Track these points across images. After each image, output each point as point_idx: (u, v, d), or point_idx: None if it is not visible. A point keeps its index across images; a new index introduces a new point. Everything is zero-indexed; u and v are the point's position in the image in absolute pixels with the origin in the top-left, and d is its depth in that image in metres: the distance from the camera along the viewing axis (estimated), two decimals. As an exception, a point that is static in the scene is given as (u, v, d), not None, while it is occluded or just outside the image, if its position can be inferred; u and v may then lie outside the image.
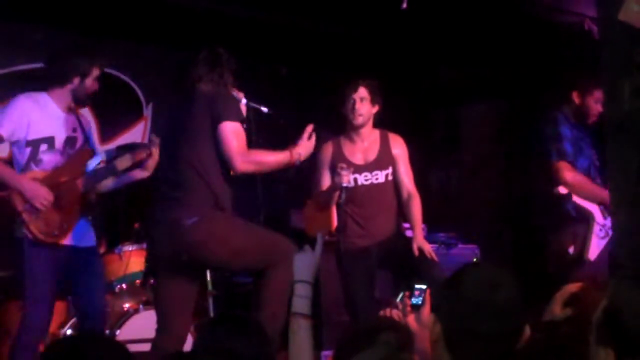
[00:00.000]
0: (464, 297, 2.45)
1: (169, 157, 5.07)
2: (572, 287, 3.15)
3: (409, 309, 3.56)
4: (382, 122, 6.14)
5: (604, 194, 5.93)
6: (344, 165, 5.82)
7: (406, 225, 6.17)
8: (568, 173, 6.01)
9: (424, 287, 3.67)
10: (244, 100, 5.15)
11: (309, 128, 5.09)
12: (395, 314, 3.72)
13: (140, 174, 5.73)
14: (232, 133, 4.79)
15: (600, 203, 5.96)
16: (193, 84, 5.00)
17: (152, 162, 5.61)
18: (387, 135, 6.10)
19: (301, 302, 3.45)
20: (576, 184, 6.00)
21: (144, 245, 5.98)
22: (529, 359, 2.61)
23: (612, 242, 4.97)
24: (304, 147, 5.06)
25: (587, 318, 2.63)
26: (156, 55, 8.09)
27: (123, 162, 5.59)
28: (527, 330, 2.52)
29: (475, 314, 2.42)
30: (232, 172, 4.88)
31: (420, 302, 3.61)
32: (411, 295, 3.66)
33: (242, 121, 4.89)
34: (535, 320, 2.89)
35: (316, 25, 8.10)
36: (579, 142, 6.13)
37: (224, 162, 4.83)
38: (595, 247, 5.96)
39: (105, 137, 8.11)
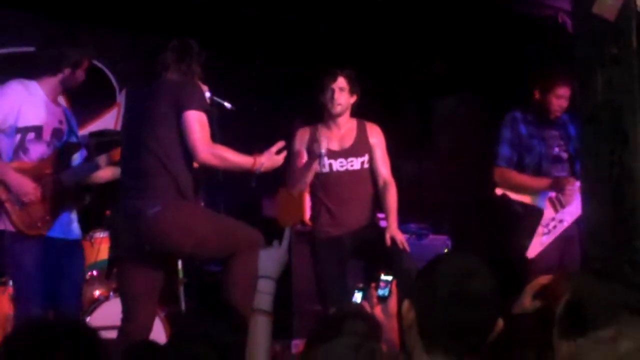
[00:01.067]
0: (438, 286, 2.46)
1: (131, 145, 5.01)
2: (543, 279, 3.17)
3: (375, 300, 3.57)
4: (355, 113, 6.14)
5: (541, 183, 6.04)
6: (324, 137, 5.85)
7: (380, 215, 6.18)
8: (497, 176, 6.27)
9: (389, 278, 3.68)
10: (208, 94, 5.12)
11: (280, 144, 5.03)
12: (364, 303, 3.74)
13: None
14: (196, 122, 4.75)
15: (551, 190, 6.06)
16: (160, 72, 4.98)
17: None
18: (364, 124, 6.11)
19: (263, 298, 3.42)
20: (506, 185, 6.22)
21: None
22: (497, 351, 2.62)
23: (584, 234, 4.99)
24: (270, 159, 4.98)
25: (554, 310, 2.65)
26: (130, 41, 8.06)
27: (102, 161, 5.51)
28: (500, 323, 2.53)
29: (448, 302, 2.43)
30: (194, 163, 4.84)
31: (386, 294, 3.62)
32: (377, 287, 3.67)
33: (206, 111, 4.86)
34: (505, 312, 2.90)
35: (290, 17, 8.08)
36: (529, 139, 6.21)
37: (187, 151, 4.78)
38: (537, 245, 6.05)
39: (78, 123, 8.04)
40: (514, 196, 6.14)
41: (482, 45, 8.45)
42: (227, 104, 5.33)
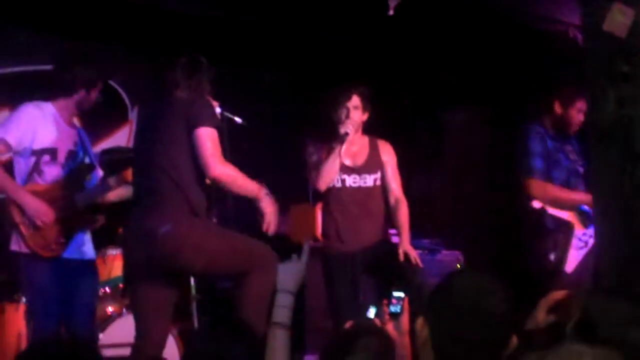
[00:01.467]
0: (453, 303, 2.47)
1: (142, 163, 5.02)
2: (557, 295, 3.17)
3: (387, 317, 3.58)
4: (365, 129, 6.15)
5: (581, 197, 5.99)
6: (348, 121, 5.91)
7: (392, 231, 6.18)
8: (536, 190, 6.09)
9: (402, 295, 3.68)
10: (218, 110, 5.15)
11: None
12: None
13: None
14: (208, 139, 4.75)
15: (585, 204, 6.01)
16: (170, 90, 4.98)
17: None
18: (376, 141, 6.14)
19: (282, 312, 3.46)
20: (546, 199, 6.06)
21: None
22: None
23: (595, 250, 4.99)
24: (272, 201, 4.96)
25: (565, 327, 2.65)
26: (142, 59, 8.07)
27: (113, 181, 5.52)
28: (514, 340, 2.53)
29: (462, 321, 2.43)
30: (206, 179, 4.83)
31: (398, 310, 3.62)
32: (389, 304, 3.68)
33: (217, 127, 4.87)
34: (518, 327, 2.90)
35: (298, 32, 8.10)
36: (555, 154, 6.16)
37: (198, 168, 4.78)
38: (573, 259, 5.99)
39: (90, 140, 8.07)
40: (551, 210, 6.07)
41: (493, 60, 8.44)
42: (237, 119, 5.35)
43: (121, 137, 8.28)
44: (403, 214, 5.98)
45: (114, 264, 6.50)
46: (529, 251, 6.21)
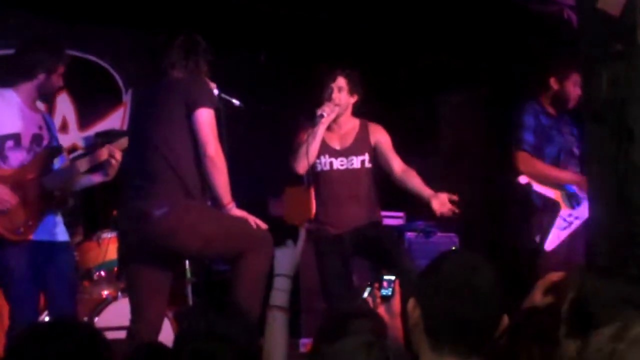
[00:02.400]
0: (443, 282, 2.47)
1: (137, 145, 5.01)
2: (554, 276, 3.17)
3: (378, 300, 3.59)
4: (359, 110, 6.14)
5: (567, 176, 5.99)
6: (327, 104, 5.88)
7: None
8: (522, 163, 6.07)
9: (392, 278, 3.69)
10: (215, 91, 5.12)
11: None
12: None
13: (99, 178, 5.58)
14: (207, 118, 4.76)
15: (574, 184, 6.01)
16: (166, 70, 4.95)
17: (112, 169, 5.45)
18: (366, 123, 6.12)
19: (279, 295, 3.50)
20: (531, 173, 6.05)
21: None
22: (503, 348, 2.62)
23: (588, 230, 4.99)
24: (242, 212, 4.92)
25: (561, 308, 2.65)
26: (135, 40, 8.04)
27: (82, 164, 5.45)
28: (505, 320, 2.53)
29: (453, 299, 2.43)
30: (205, 158, 4.78)
31: (389, 293, 3.63)
32: (380, 287, 3.69)
33: (215, 108, 4.86)
34: (514, 307, 2.90)
35: (295, 12, 8.09)
36: (549, 130, 6.15)
37: (195, 149, 4.78)
38: (555, 238, 6.00)
39: (84, 123, 8.09)
40: (538, 188, 6.05)
41: (487, 40, 8.43)
42: (235, 101, 5.32)
43: (115, 120, 8.28)
44: (416, 177, 5.94)
45: (108, 247, 6.47)
46: (518, 230, 6.23)
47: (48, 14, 7.52)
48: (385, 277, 3.72)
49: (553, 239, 5.98)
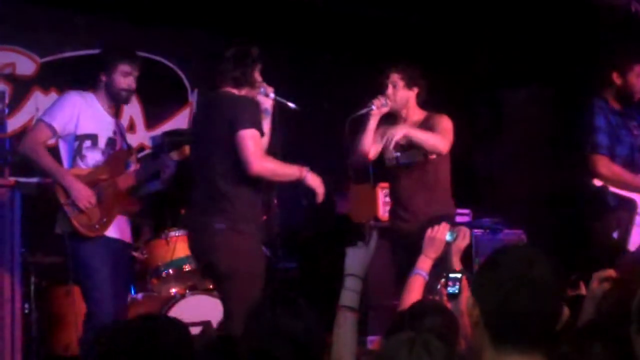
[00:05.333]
0: (500, 278, 2.43)
1: (198, 163, 5.17)
2: (609, 270, 3.19)
3: (445, 298, 3.58)
4: (423, 106, 6.11)
5: None
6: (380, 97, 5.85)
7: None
8: (602, 167, 5.95)
9: (459, 275, 3.68)
10: (272, 95, 5.24)
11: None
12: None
13: (156, 186, 5.82)
14: (248, 139, 4.86)
15: None
16: (216, 83, 5.11)
17: (166, 176, 5.68)
18: (432, 115, 6.01)
19: (350, 295, 3.48)
20: (610, 177, 5.94)
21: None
22: (571, 340, 2.60)
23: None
24: (315, 176, 5.13)
25: (627, 302, 2.62)
26: (201, 40, 8.10)
27: (175, 155, 5.69)
28: (566, 311, 2.49)
29: (511, 294, 2.40)
30: (249, 174, 4.91)
31: (456, 291, 3.62)
32: (446, 285, 3.68)
33: (258, 127, 4.94)
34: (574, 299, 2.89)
35: (355, 10, 8.10)
36: (618, 130, 6.04)
37: (244, 173, 4.91)
38: (637, 237, 5.89)
39: (150, 123, 8.18)
40: (613, 189, 5.95)
41: (554, 36, 8.36)
42: (291, 104, 5.34)
43: (182, 119, 8.36)
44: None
45: (176, 246, 6.53)
46: (592, 230, 6.14)
47: (115, 15, 7.60)
48: (451, 275, 3.72)
49: (635, 238, 5.87)
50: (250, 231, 4.98)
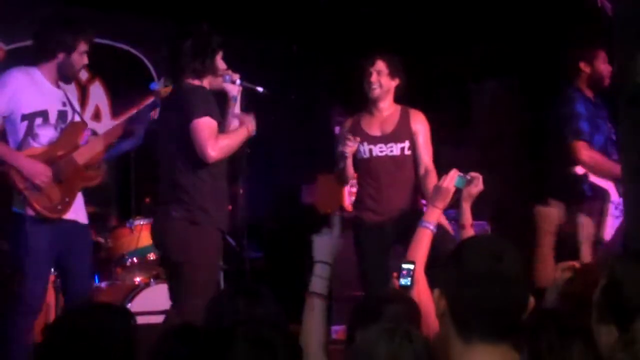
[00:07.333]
0: (467, 270, 2.43)
1: (163, 155, 5.16)
2: (573, 262, 3.22)
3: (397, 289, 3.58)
4: (395, 98, 6.11)
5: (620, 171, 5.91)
6: (350, 137, 5.85)
7: (424, 201, 6.14)
8: (585, 152, 5.92)
9: (411, 266, 3.66)
10: (238, 81, 5.23)
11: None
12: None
13: (129, 145, 5.73)
14: (201, 127, 4.86)
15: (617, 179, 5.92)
16: (177, 76, 5.11)
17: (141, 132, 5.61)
18: (408, 110, 6.05)
19: (319, 282, 3.48)
20: (593, 163, 5.92)
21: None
22: (535, 332, 2.60)
23: (624, 214, 4.92)
24: (248, 120, 5.16)
25: (589, 295, 2.64)
26: (168, 30, 8.05)
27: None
28: (532, 301, 2.50)
29: (478, 286, 2.39)
30: (207, 162, 4.92)
31: (408, 283, 3.61)
32: (399, 276, 3.66)
33: (211, 113, 4.93)
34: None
35: (328, 3, 8.09)
36: (595, 118, 6.05)
37: (201, 168, 4.95)
38: (610, 227, 5.90)
39: (116, 112, 8.13)
40: (594, 178, 5.95)
41: (520, 29, 8.39)
42: (259, 88, 5.33)
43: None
44: (432, 185, 5.93)
45: (141, 234, 6.51)
46: (565, 219, 6.15)
47: (80, 3, 7.54)
48: (404, 266, 3.70)
49: (609, 228, 5.88)
50: (207, 222, 4.96)
